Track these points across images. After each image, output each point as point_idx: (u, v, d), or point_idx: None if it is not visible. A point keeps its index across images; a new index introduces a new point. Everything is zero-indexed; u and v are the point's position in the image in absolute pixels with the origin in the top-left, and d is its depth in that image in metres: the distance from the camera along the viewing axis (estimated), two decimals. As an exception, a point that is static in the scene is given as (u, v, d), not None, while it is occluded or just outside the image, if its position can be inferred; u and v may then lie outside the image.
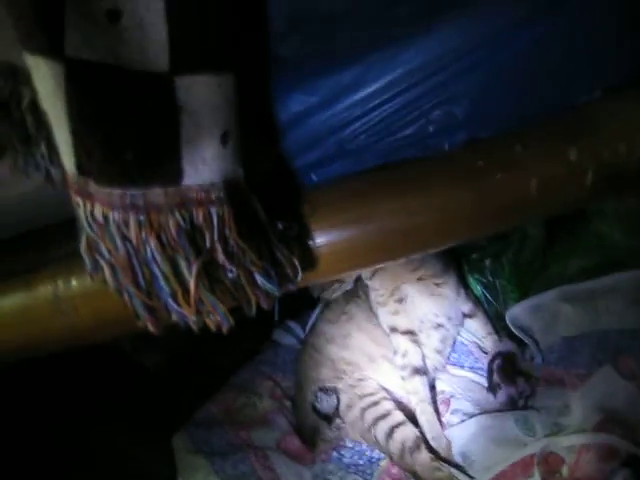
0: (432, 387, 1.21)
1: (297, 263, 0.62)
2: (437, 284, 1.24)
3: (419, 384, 1.16)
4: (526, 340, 1.18)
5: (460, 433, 1.10)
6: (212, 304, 0.54)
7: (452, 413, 1.17)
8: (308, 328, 1.37)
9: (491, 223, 0.73)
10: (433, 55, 0.65)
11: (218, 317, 0.55)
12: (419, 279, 1.22)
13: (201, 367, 1.45)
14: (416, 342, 1.19)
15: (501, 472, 0.99)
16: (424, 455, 1.04)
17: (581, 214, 1.17)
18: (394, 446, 1.06)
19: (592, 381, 0.99)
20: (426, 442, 1.08)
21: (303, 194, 0.72)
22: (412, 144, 0.71)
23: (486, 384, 1.20)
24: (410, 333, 1.19)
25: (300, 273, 0.63)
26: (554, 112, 0.70)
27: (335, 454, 1.17)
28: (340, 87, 0.69)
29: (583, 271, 1.12)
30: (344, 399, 1.16)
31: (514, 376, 1.15)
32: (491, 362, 1.19)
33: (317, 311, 1.37)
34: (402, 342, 1.18)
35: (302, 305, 1.49)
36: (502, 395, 1.14)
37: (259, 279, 0.58)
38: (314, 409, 1.17)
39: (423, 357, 1.20)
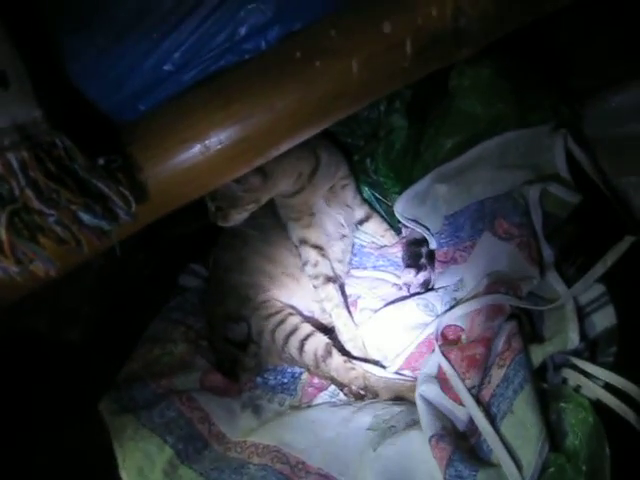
0: (342, 293, 1.24)
1: (128, 194, 0.60)
2: (343, 186, 1.27)
3: (332, 290, 1.19)
4: (418, 229, 1.21)
5: (371, 328, 1.14)
6: (32, 251, 0.51)
7: (360, 312, 1.20)
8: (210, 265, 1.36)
9: (322, 113, 0.72)
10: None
11: (41, 263, 0.52)
12: (330, 188, 1.24)
13: (125, 332, 1.42)
14: (324, 255, 1.20)
15: (410, 355, 1.03)
16: (337, 359, 1.07)
17: (444, 95, 1.18)
18: (308, 358, 1.08)
19: (476, 249, 1.03)
20: (340, 346, 1.11)
21: (127, 126, 0.69)
22: (228, 50, 0.69)
23: (404, 266, 1.25)
24: (318, 247, 1.20)
25: (133, 203, 0.61)
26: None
27: (259, 379, 1.18)
28: (139, 10, 0.66)
29: (453, 150, 1.14)
30: (253, 325, 1.16)
31: (419, 261, 1.19)
32: (407, 245, 1.24)
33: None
34: (312, 254, 1.20)
35: (206, 247, 1.46)
36: (422, 277, 1.18)
37: (84, 217, 0.55)
38: (227, 340, 1.17)
39: (331, 266, 1.21)
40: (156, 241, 1.56)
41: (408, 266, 1.24)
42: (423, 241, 1.24)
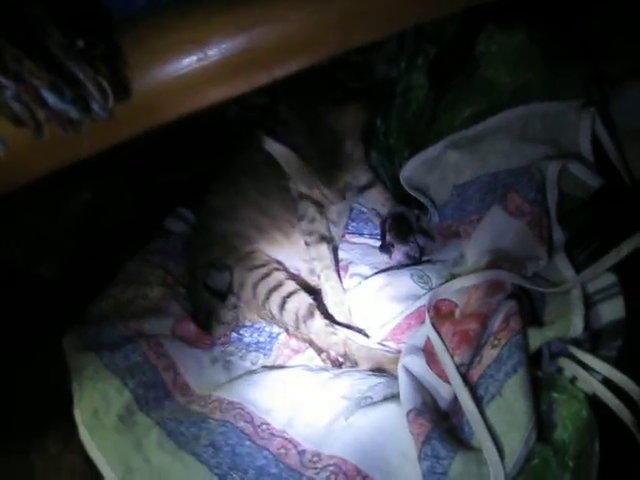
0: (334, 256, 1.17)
1: (105, 85, 0.52)
2: (352, 149, 1.18)
3: (325, 250, 1.12)
4: (421, 199, 1.14)
5: (358, 295, 1.07)
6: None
7: (350, 277, 1.13)
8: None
9: (340, 32, 0.64)
10: None
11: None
12: None
13: (101, 273, 1.36)
14: (322, 214, 1.13)
15: (396, 325, 0.97)
16: (318, 322, 1.00)
17: (469, 59, 1.10)
18: (288, 317, 1.02)
19: (482, 224, 0.96)
20: (324, 310, 1.04)
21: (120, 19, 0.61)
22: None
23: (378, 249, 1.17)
24: (318, 204, 1.12)
25: (111, 97, 0.53)
26: None
27: (234, 334, 1.12)
28: None
29: (472, 118, 1.06)
30: (236, 276, 1.09)
31: (407, 235, 1.11)
32: (383, 223, 1.15)
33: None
34: (311, 209, 1.13)
35: (196, 191, 1.39)
36: (397, 254, 1.11)
37: (48, 97, 0.47)
38: (206, 287, 1.11)
39: (327, 226, 1.14)
40: (147, 185, 1.50)
41: (381, 248, 1.17)
42: (408, 215, 1.16)
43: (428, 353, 0.83)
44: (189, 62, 0.62)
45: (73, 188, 1.35)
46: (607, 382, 0.73)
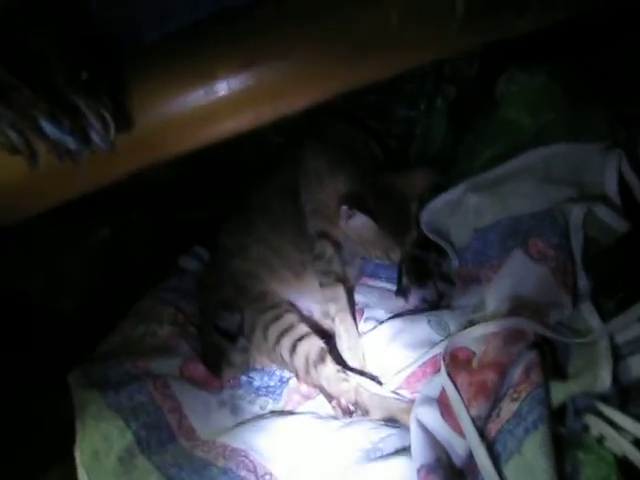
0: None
1: (108, 117, 0.50)
2: None
3: (341, 291, 1.08)
4: (440, 243, 1.10)
5: (374, 341, 1.03)
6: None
7: (365, 321, 1.09)
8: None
9: (348, 68, 0.62)
10: None
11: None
12: None
13: (117, 309, 1.35)
14: (339, 254, 1.10)
15: (412, 373, 0.92)
16: (329, 367, 0.96)
17: (489, 101, 1.08)
18: (298, 361, 0.98)
19: (503, 269, 0.92)
20: (335, 353, 1.00)
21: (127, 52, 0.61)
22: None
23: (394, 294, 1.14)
24: (337, 244, 1.10)
25: (112, 129, 0.51)
26: None
27: (244, 378, 1.08)
28: None
29: (492, 160, 1.03)
30: (247, 317, 1.06)
31: (425, 279, 1.08)
32: (400, 266, 1.11)
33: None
34: (329, 249, 1.09)
35: (213, 230, 1.38)
36: (414, 299, 1.07)
37: (46, 127, 0.46)
38: (217, 328, 1.07)
39: (343, 267, 1.11)
40: (166, 222, 1.50)
41: (397, 292, 1.13)
42: (427, 259, 1.13)
43: (443, 404, 0.78)
44: (196, 97, 0.61)
45: (93, 223, 1.36)
46: (638, 443, 0.67)
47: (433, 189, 1.10)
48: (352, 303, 1.13)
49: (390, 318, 1.05)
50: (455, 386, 0.78)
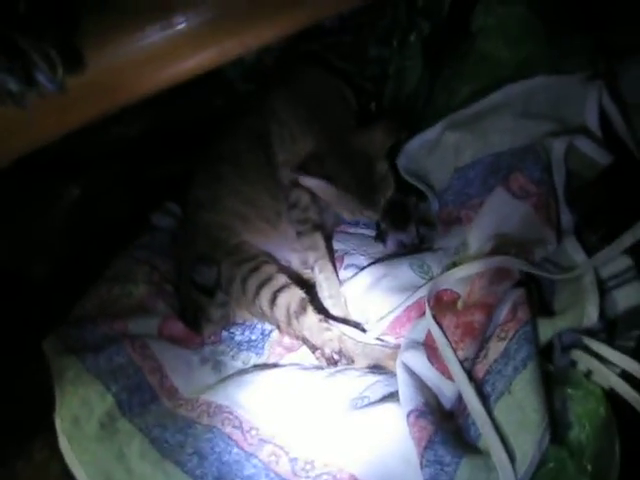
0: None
1: (54, 55, 0.45)
2: None
3: (319, 239, 1.05)
4: (419, 185, 1.07)
5: (355, 288, 1.00)
6: None
7: (345, 268, 1.06)
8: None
9: None
10: None
11: None
12: None
13: (90, 271, 1.31)
14: (315, 201, 1.06)
15: (395, 318, 0.90)
16: (311, 317, 0.93)
17: (466, 35, 1.03)
18: (279, 312, 0.95)
19: (484, 208, 0.89)
20: (316, 303, 0.98)
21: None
22: None
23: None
24: (312, 192, 1.05)
25: (60, 69, 0.46)
26: None
27: (225, 333, 1.06)
28: None
29: (471, 96, 1.00)
30: (224, 271, 1.02)
31: (404, 223, 1.05)
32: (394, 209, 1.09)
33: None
34: (305, 197, 1.04)
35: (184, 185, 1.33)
36: (391, 243, 1.05)
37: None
38: (194, 283, 1.04)
39: (320, 215, 1.07)
40: (136, 179, 1.44)
41: (376, 237, 1.12)
42: (406, 202, 1.10)
43: (429, 348, 0.77)
44: (152, 31, 0.56)
45: (61, 184, 1.30)
46: (625, 375, 0.67)
47: (409, 132, 1.06)
48: (331, 250, 1.10)
49: (371, 264, 1.02)
50: (441, 329, 0.76)
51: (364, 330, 0.94)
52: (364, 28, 1.18)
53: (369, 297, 0.97)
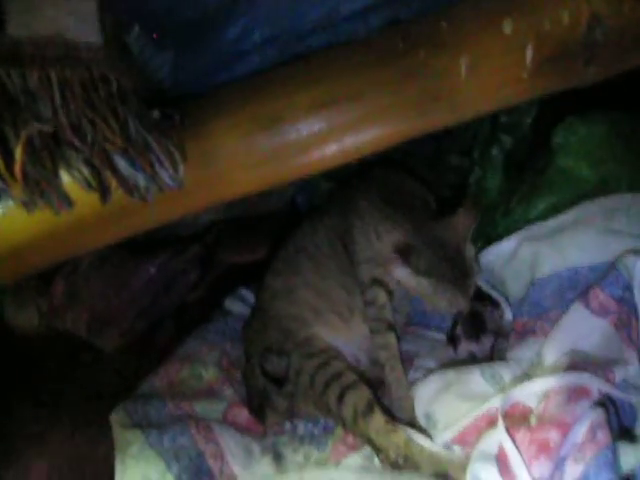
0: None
1: (177, 155, 0.51)
2: None
3: (393, 339, 1.05)
4: (494, 295, 1.07)
5: (423, 391, 0.99)
6: (47, 181, 0.42)
7: (415, 370, 1.05)
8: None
9: (417, 114, 0.62)
10: None
11: (55, 199, 0.43)
12: None
13: (160, 350, 1.36)
14: (391, 302, 1.07)
15: (464, 428, 0.87)
16: (378, 418, 0.92)
17: (546, 150, 1.07)
18: (346, 410, 0.94)
19: (562, 322, 0.88)
20: (382, 404, 0.97)
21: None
22: (321, 29, 0.61)
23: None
24: (390, 293, 1.07)
25: (181, 167, 0.52)
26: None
27: (289, 425, 1.06)
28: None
29: (549, 210, 1.02)
30: (293, 362, 1.04)
31: (477, 334, 1.04)
32: (455, 316, 1.09)
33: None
34: (382, 296, 1.06)
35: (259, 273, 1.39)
36: (462, 350, 1.04)
37: (119, 163, 0.47)
38: (263, 372, 1.05)
39: (393, 315, 1.08)
40: (213, 264, 1.51)
41: (449, 340, 1.11)
42: (482, 312, 1.09)
43: (501, 462, 0.74)
44: (263, 139, 0.62)
45: (139, 262, 1.38)
46: None
47: (485, 242, 1.08)
48: (400, 352, 1.09)
49: (441, 368, 1.01)
50: (514, 443, 0.74)
51: (431, 437, 0.92)
52: (445, 138, 1.24)
53: (438, 402, 0.95)
